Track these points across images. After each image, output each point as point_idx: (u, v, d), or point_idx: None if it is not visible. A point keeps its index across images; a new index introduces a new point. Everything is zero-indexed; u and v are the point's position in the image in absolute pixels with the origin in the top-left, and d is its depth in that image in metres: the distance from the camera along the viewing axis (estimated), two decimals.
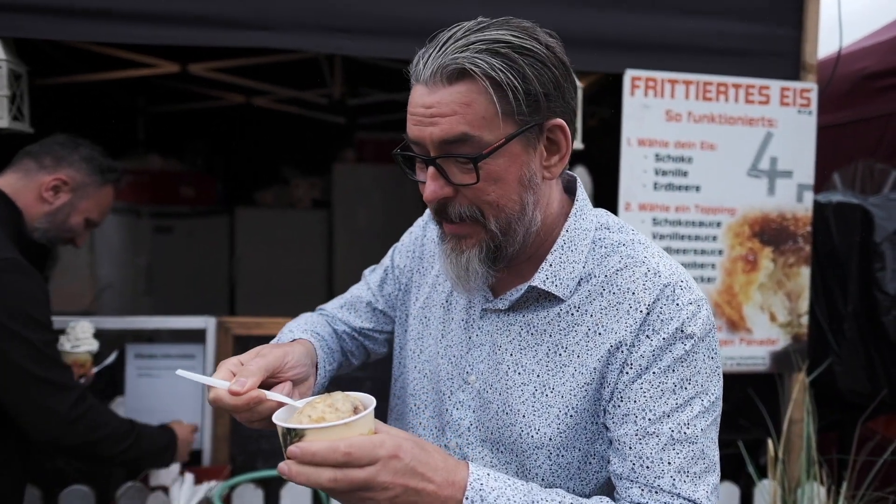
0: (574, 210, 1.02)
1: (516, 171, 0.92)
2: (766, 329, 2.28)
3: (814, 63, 2.26)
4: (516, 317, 1.02)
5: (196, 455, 2.19)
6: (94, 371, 1.99)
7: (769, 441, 2.13)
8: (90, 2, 1.88)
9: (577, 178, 1.07)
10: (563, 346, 0.98)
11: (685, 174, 2.22)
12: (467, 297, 1.08)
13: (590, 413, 0.97)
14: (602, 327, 0.96)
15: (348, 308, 1.27)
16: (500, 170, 0.91)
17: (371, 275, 1.31)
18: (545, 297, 1.00)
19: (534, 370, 0.99)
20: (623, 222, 1.06)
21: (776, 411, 2.28)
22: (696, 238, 2.24)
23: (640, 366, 0.93)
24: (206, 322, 2.24)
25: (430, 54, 0.90)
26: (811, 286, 2.30)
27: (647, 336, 0.93)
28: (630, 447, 0.92)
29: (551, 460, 0.98)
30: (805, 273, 2.29)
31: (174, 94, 4.41)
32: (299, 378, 1.01)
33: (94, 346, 1.97)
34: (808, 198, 2.28)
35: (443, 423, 1.08)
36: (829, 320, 2.42)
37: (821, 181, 2.79)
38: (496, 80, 0.87)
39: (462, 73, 0.87)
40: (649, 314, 0.93)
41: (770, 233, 2.27)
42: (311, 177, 5.05)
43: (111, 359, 2.12)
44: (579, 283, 0.99)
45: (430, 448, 0.85)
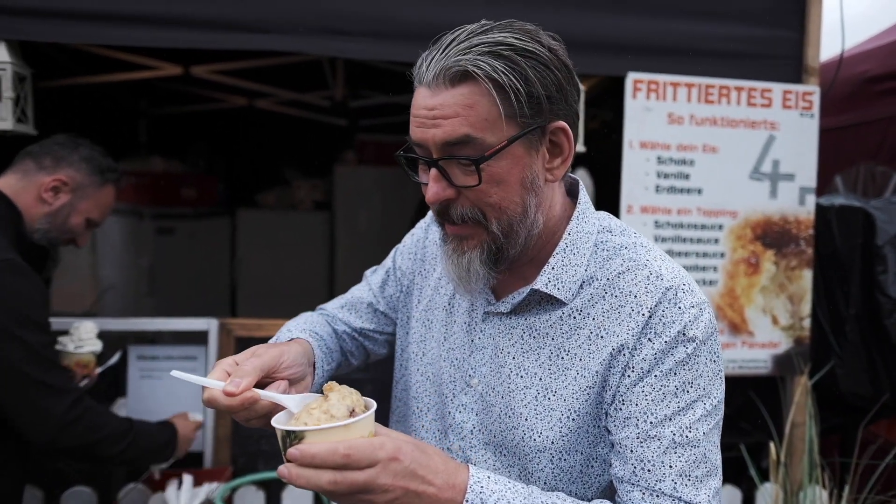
0: (576, 213, 1.02)
1: (518, 174, 0.92)
2: (768, 332, 2.28)
3: (816, 66, 2.26)
4: (518, 320, 1.02)
5: (197, 456, 2.19)
6: (98, 371, 1.99)
7: (771, 444, 2.13)
8: (93, 5, 1.89)
9: (580, 180, 1.07)
10: (565, 350, 0.98)
11: (687, 177, 2.22)
12: (469, 299, 1.08)
13: (592, 416, 0.96)
14: (604, 330, 0.96)
15: (349, 308, 1.27)
16: (502, 172, 0.91)
17: (372, 276, 1.31)
18: (547, 301, 1.00)
19: (536, 373, 0.99)
20: (625, 225, 1.06)
21: (778, 414, 2.28)
22: (698, 241, 2.24)
23: (641, 369, 0.93)
24: (209, 324, 2.24)
25: (433, 56, 0.90)
26: (813, 289, 2.30)
27: (649, 339, 0.93)
28: (631, 450, 0.92)
29: (553, 464, 0.98)
30: (807, 276, 2.29)
31: (176, 96, 4.42)
32: (296, 378, 1.00)
33: (97, 346, 1.97)
34: (811, 201, 2.28)
35: (445, 426, 1.08)
36: (831, 323, 2.42)
37: (823, 184, 2.79)
38: (499, 82, 0.87)
39: (465, 76, 0.88)
40: (651, 317, 0.93)
41: (772, 236, 2.27)
42: (312, 178, 5.06)
43: (114, 359, 2.12)
44: (581, 286, 0.99)
45: (430, 450, 0.85)
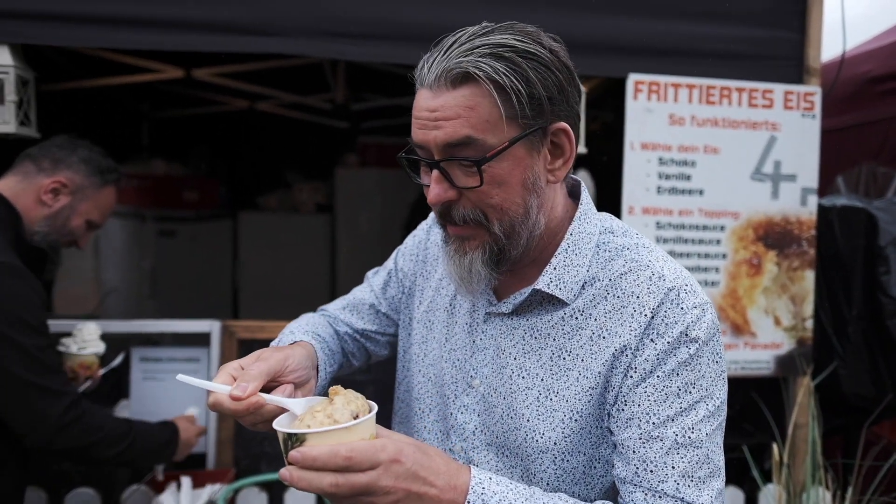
0: (578, 214, 1.02)
1: (520, 175, 0.92)
2: (771, 333, 2.27)
3: (817, 67, 2.25)
4: (520, 321, 1.02)
5: (200, 458, 2.19)
6: (101, 373, 1.99)
7: (774, 445, 2.12)
8: (95, 8, 1.89)
9: (581, 181, 1.07)
10: (567, 350, 0.98)
11: (689, 178, 2.21)
12: (471, 300, 1.08)
13: (595, 417, 0.96)
14: (606, 331, 0.96)
15: (350, 309, 1.27)
16: (503, 173, 0.91)
17: (374, 277, 1.31)
18: (549, 301, 1.00)
19: (538, 374, 0.99)
20: (627, 226, 1.06)
21: (781, 415, 2.27)
22: (700, 242, 2.23)
23: (644, 370, 0.92)
24: (211, 325, 2.25)
25: (434, 58, 0.90)
26: (815, 290, 2.30)
27: (652, 340, 0.93)
28: (634, 451, 0.92)
29: (556, 465, 0.98)
30: (809, 277, 2.29)
31: (178, 98, 4.44)
32: (300, 381, 1.01)
33: (100, 348, 1.97)
34: (812, 201, 2.28)
35: (447, 427, 1.08)
36: (833, 324, 2.42)
37: (824, 185, 2.79)
38: (500, 83, 0.87)
39: (466, 77, 0.88)
40: (654, 318, 0.93)
41: (774, 236, 2.26)
42: (314, 181, 5.06)
43: (118, 361, 2.12)
44: (583, 286, 0.99)
45: (431, 452, 0.85)
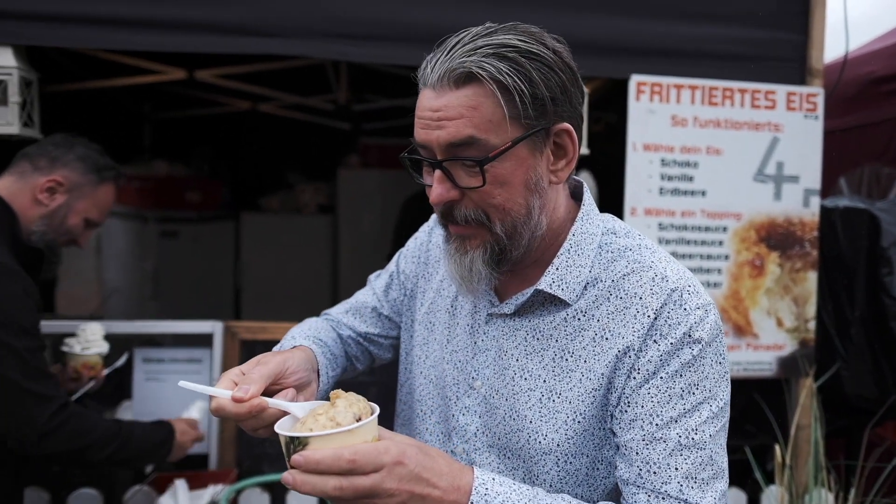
0: (580, 215, 1.02)
1: (522, 175, 0.92)
2: (773, 334, 2.27)
3: (820, 68, 2.25)
4: (522, 321, 1.02)
5: (202, 459, 2.19)
6: (105, 373, 1.99)
7: (776, 447, 2.12)
8: (97, 10, 1.90)
9: (584, 183, 1.07)
10: (569, 351, 0.98)
11: (691, 179, 2.21)
12: (472, 301, 1.08)
13: (597, 419, 0.96)
14: (609, 332, 0.95)
15: (353, 313, 1.27)
16: (506, 173, 0.91)
17: (376, 280, 1.31)
18: (551, 302, 1.00)
19: (540, 375, 0.99)
20: (630, 227, 1.06)
21: (783, 417, 2.27)
22: (703, 243, 2.23)
23: (647, 371, 0.92)
24: (213, 326, 2.25)
25: (437, 58, 0.90)
26: (818, 291, 2.29)
27: (655, 341, 0.93)
28: (637, 452, 0.92)
29: (559, 466, 0.97)
30: (812, 278, 2.28)
31: (180, 100, 4.44)
32: (301, 384, 1.01)
33: (104, 348, 1.97)
34: (815, 202, 2.27)
35: (449, 429, 1.08)
36: (836, 325, 2.41)
37: (827, 186, 2.78)
38: (503, 83, 0.87)
39: (469, 77, 0.88)
40: (657, 319, 0.93)
41: (777, 237, 2.26)
42: (316, 182, 5.06)
43: (121, 361, 2.12)
44: (586, 287, 0.99)
45: (434, 453, 0.85)
